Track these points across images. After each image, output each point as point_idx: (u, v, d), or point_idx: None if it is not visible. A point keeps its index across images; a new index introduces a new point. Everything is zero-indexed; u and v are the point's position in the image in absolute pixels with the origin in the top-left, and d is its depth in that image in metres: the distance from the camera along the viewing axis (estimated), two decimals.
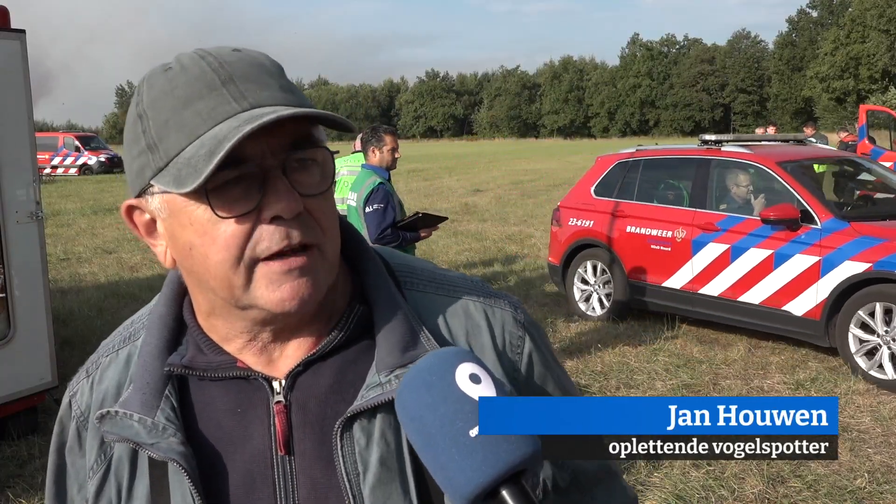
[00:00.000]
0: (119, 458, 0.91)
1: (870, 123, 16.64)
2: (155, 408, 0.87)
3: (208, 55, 0.82)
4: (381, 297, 0.90)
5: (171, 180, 0.78)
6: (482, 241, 13.07)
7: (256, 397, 0.88)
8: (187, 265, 0.85)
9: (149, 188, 0.83)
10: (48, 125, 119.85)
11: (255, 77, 0.81)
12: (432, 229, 5.19)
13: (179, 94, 0.79)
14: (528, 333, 0.95)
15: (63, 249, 12.81)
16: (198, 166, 0.76)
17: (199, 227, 0.80)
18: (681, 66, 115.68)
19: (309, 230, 0.81)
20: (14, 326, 4.87)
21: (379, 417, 0.85)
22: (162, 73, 0.82)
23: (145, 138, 0.81)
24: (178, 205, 0.81)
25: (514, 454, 0.69)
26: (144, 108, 0.82)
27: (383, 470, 0.85)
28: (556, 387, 0.96)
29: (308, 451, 0.87)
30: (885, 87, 72.31)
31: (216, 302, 0.86)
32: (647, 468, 4.40)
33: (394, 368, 0.85)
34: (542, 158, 45.83)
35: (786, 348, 6.66)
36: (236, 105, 0.79)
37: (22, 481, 4.45)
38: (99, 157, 36.23)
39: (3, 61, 4.76)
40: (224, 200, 0.78)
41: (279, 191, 0.79)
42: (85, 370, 0.99)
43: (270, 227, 0.79)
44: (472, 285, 0.97)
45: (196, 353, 0.90)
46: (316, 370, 0.88)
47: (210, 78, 0.80)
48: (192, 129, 0.78)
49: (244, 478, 0.87)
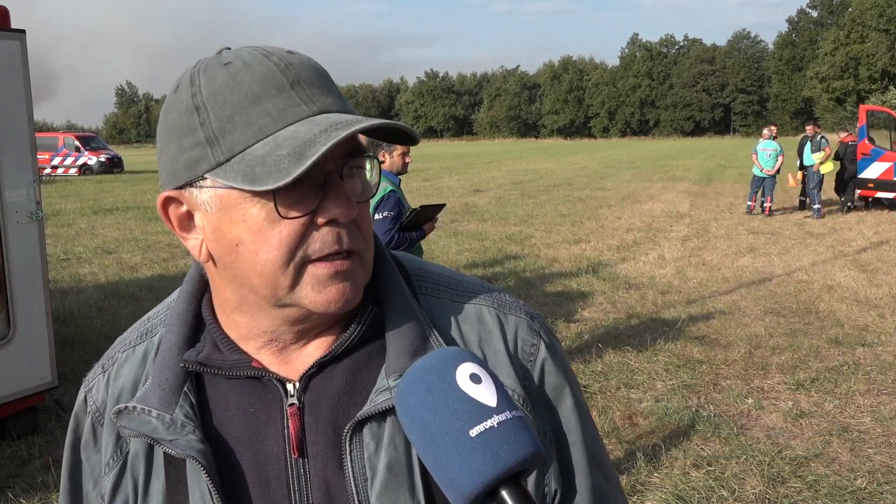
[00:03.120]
0: (135, 453, 0.91)
1: (870, 123, 16.65)
2: (174, 404, 0.87)
3: (272, 55, 0.82)
4: (393, 300, 0.90)
5: (241, 177, 0.77)
6: (482, 241, 13.07)
7: (270, 398, 0.88)
8: (228, 260, 0.84)
9: (198, 181, 0.82)
10: (48, 125, 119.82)
11: (318, 82, 0.82)
12: (434, 221, 5.15)
13: (246, 91, 0.79)
14: (542, 342, 0.94)
15: (63, 249, 12.81)
16: (280, 165, 0.75)
17: (252, 224, 0.80)
18: (681, 67, 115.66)
19: (355, 236, 0.83)
20: (14, 326, 4.87)
21: (388, 422, 0.85)
22: (222, 67, 0.81)
23: (203, 130, 0.80)
24: (233, 201, 0.81)
25: (515, 455, 0.69)
26: (203, 99, 0.80)
27: (391, 476, 0.85)
28: (572, 403, 0.94)
29: (321, 454, 0.87)
30: (885, 87, 72.28)
31: (249, 298, 0.85)
32: (647, 468, 4.40)
33: (402, 372, 0.84)
34: (542, 158, 45.85)
35: (786, 348, 6.66)
36: (306, 108, 0.79)
37: (22, 481, 4.45)
38: (99, 157, 36.25)
39: (3, 61, 4.75)
40: (286, 201, 0.79)
41: (340, 196, 0.80)
42: (101, 366, 0.98)
43: (324, 230, 0.81)
44: (487, 292, 0.97)
45: (212, 350, 0.90)
46: (329, 372, 0.88)
47: (278, 78, 0.80)
48: (262, 128, 0.78)
49: (259, 478, 0.87)
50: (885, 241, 12.52)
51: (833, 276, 9.70)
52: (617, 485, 0.99)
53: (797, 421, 5.11)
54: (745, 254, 11.46)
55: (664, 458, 4.55)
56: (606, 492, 0.95)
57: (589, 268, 10.45)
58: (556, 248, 12.28)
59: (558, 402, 0.93)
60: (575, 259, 11.22)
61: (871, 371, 6.08)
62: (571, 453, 0.92)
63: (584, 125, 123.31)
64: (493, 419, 0.70)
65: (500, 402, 0.72)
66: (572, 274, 10.09)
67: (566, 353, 1.11)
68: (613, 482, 0.98)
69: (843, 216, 15.77)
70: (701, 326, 7.38)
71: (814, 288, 9.03)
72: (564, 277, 9.88)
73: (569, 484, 0.92)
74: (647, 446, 4.71)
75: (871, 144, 16.28)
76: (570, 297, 8.71)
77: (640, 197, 20.65)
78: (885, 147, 16.41)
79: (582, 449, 0.93)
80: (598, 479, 0.94)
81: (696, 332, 7.18)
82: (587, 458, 0.93)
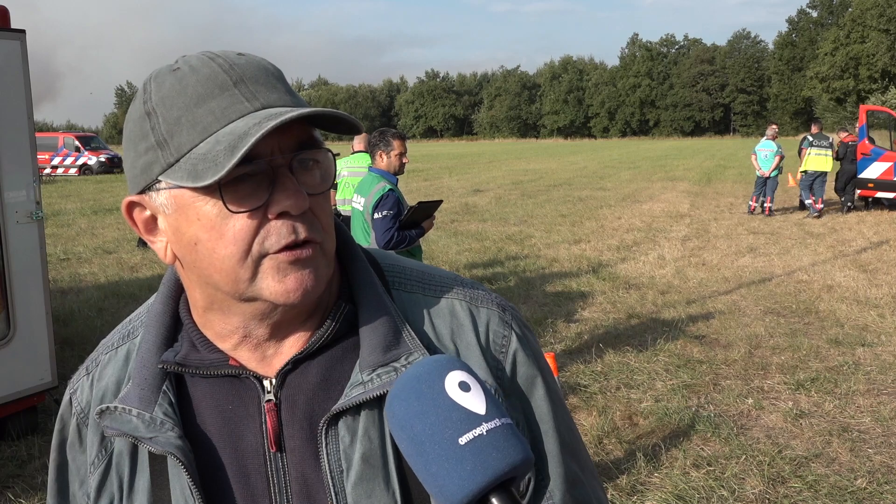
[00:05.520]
0: (119, 452, 0.93)
1: (870, 123, 16.65)
2: (153, 403, 0.89)
3: (217, 57, 0.84)
4: (366, 297, 0.92)
5: (186, 175, 0.80)
6: (482, 241, 13.07)
7: (248, 395, 0.90)
8: (190, 260, 0.86)
9: (154, 184, 0.84)
10: (48, 125, 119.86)
11: (263, 79, 0.84)
12: (433, 219, 5.14)
13: (191, 93, 0.81)
14: (514, 333, 0.96)
15: (63, 249, 12.81)
16: (217, 160, 0.77)
17: (206, 221, 0.82)
18: (681, 67, 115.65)
19: (312, 227, 0.84)
20: (14, 326, 4.87)
21: (363, 415, 0.87)
22: (170, 73, 0.84)
23: (154, 135, 0.82)
24: (186, 200, 0.83)
25: (504, 462, 0.69)
26: (153, 105, 0.83)
27: (366, 467, 0.87)
28: (544, 392, 0.95)
29: (298, 448, 0.89)
30: (885, 87, 72.31)
31: (216, 296, 0.87)
32: (647, 468, 4.40)
33: (375, 367, 0.87)
34: (542, 158, 45.85)
35: (786, 348, 6.66)
36: (248, 104, 0.81)
37: (22, 481, 4.45)
38: (99, 157, 36.23)
39: (3, 61, 4.76)
40: (235, 196, 0.80)
41: (288, 188, 0.81)
42: (85, 368, 1.01)
43: (278, 223, 0.82)
44: (460, 285, 0.98)
45: (190, 349, 0.91)
46: (304, 368, 0.90)
47: (222, 78, 0.82)
48: (206, 127, 0.80)
49: (240, 473, 0.90)
50: (885, 241, 12.52)
51: (833, 276, 9.70)
52: (592, 472, 1.00)
53: (797, 421, 5.11)
54: (745, 254, 11.46)
55: (664, 458, 4.55)
56: (580, 479, 0.96)
57: (589, 268, 10.45)
58: (556, 248, 12.28)
59: (530, 392, 0.95)
60: (575, 259, 11.22)
61: (871, 371, 6.08)
62: (544, 442, 0.94)
63: (584, 125, 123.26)
64: (482, 427, 0.70)
65: (489, 409, 0.72)
66: (572, 274, 10.09)
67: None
68: (588, 469, 0.99)
69: (843, 216, 15.77)
70: (701, 326, 7.38)
71: (814, 288, 9.03)
72: (564, 277, 9.88)
73: (542, 472, 0.94)
74: (647, 446, 4.71)
75: (871, 144, 16.28)
76: (570, 297, 8.71)
77: (640, 197, 20.65)
78: (885, 147, 16.41)
79: (555, 437, 0.94)
80: (571, 467, 0.95)
81: (696, 332, 7.18)
82: (560, 447, 0.94)
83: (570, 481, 0.94)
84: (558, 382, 0.98)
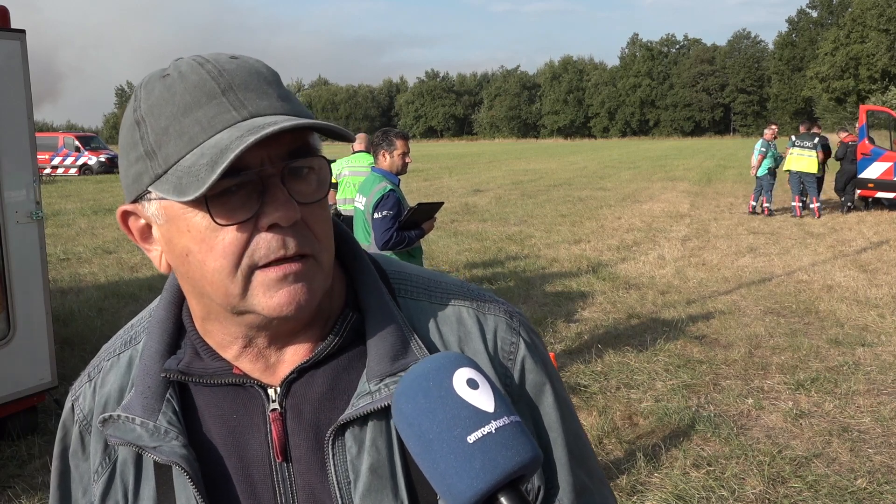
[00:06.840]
0: (124, 460, 0.92)
1: (870, 124, 16.65)
2: (157, 411, 0.88)
3: (207, 62, 0.82)
4: (373, 305, 0.90)
5: (171, 188, 0.78)
6: (482, 241, 13.07)
7: (252, 404, 0.89)
8: (183, 271, 0.85)
9: (146, 194, 0.83)
10: (48, 125, 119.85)
11: (254, 86, 0.81)
12: (433, 220, 5.14)
13: (178, 102, 0.79)
14: (522, 340, 0.94)
15: (63, 249, 12.81)
16: (199, 175, 0.75)
17: (196, 234, 0.80)
18: (681, 66, 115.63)
19: (304, 239, 0.82)
20: (14, 326, 4.87)
21: (370, 425, 0.86)
22: (160, 80, 0.82)
23: (143, 144, 0.81)
24: (176, 212, 0.81)
25: (513, 460, 0.69)
26: (143, 114, 0.81)
27: (374, 478, 0.85)
28: (553, 399, 0.94)
29: (304, 458, 0.87)
30: (885, 87, 72.24)
31: (212, 307, 0.86)
32: (647, 468, 4.40)
33: (383, 377, 0.86)
34: (542, 158, 45.84)
35: (786, 348, 6.66)
36: (236, 114, 0.79)
37: (22, 481, 4.45)
38: (99, 157, 36.21)
39: (3, 61, 4.75)
40: (223, 208, 0.78)
41: (278, 199, 0.79)
42: (87, 374, 0.99)
43: (268, 236, 0.80)
44: (466, 292, 0.97)
45: (193, 357, 0.90)
46: (310, 377, 0.88)
47: (210, 86, 0.80)
48: (192, 138, 0.78)
49: (245, 483, 0.88)
50: (885, 241, 12.52)
51: (833, 276, 9.70)
52: (601, 479, 0.99)
53: (797, 421, 5.11)
54: (745, 254, 11.45)
55: (664, 458, 4.55)
56: (589, 488, 0.96)
57: (589, 268, 10.45)
58: (556, 248, 12.28)
59: (539, 400, 0.94)
60: (575, 259, 11.22)
61: (871, 371, 6.08)
62: (553, 450, 0.93)
63: (584, 125, 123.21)
64: (491, 425, 0.70)
65: (497, 407, 0.71)
66: (572, 274, 10.09)
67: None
68: (597, 477, 0.98)
69: (843, 216, 15.77)
70: (701, 326, 7.38)
71: (814, 288, 9.03)
72: (564, 277, 9.88)
73: (551, 481, 0.93)
74: (647, 446, 4.71)
75: (871, 144, 16.27)
76: (570, 297, 8.71)
77: (640, 197, 20.65)
78: (885, 147, 16.41)
79: (563, 445, 0.93)
80: (580, 476, 0.94)
81: (696, 332, 7.18)
82: (569, 455, 0.93)
83: (579, 490, 0.94)
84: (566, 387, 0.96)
